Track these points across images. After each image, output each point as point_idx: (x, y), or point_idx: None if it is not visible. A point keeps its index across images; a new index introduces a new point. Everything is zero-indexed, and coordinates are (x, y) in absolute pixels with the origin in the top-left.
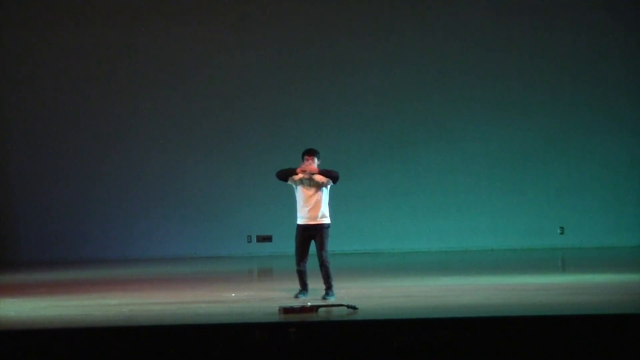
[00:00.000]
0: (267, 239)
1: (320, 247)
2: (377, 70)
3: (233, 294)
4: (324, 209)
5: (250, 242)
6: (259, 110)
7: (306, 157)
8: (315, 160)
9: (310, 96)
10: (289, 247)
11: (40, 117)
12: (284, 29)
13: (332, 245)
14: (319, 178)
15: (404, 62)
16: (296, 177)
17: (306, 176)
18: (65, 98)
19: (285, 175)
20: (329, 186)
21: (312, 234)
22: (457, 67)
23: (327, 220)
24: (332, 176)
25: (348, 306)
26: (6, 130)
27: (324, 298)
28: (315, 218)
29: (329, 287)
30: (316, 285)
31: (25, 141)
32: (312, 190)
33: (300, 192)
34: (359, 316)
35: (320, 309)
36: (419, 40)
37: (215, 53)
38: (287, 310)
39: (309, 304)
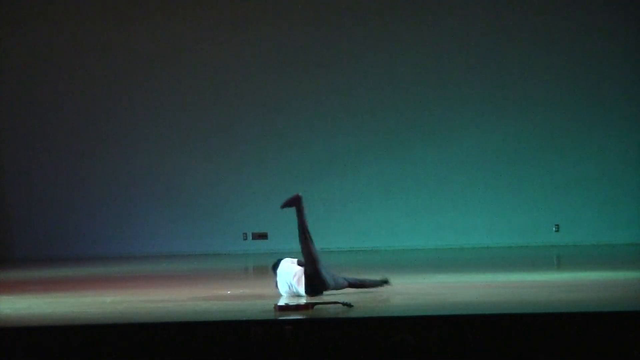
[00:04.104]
0: (263, 236)
1: None
2: (373, 67)
3: (228, 292)
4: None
5: (246, 239)
6: (255, 107)
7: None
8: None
9: (307, 94)
10: (285, 244)
11: (35, 113)
12: (280, 26)
13: (330, 242)
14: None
15: (400, 60)
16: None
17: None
18: (60, 94)
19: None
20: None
21: None
22: (454, 64)
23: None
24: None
25: (344, 304)
26: (0, 127)
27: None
28: None
29: None
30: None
31: (20, 138)
32: None
33: None
34: (354, 313)
35: (316, 307)
36: (416, 38)
37: (212, 50)
38: (282, 308)
39: (305, 301)
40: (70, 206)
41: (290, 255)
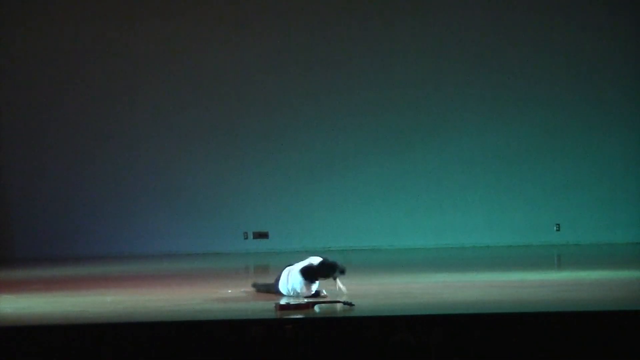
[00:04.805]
0: (264, 235)
1: None
2: (373, 66)
3: (229, 291)
4: None
5: (247, 238)
6: (255, 107)
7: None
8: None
9: (307, 92)
10: (285, 244)
11: (35, 113)
12: (280, 26)
13: (330, 242)
14: None
15: (400, 59)
16: None
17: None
18: (60, 94)
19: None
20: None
21: None
22: (454, 63)
23: None
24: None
25: (344, 303)
26: (0, 126)
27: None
28: None
29: None
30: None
31: (20, 137)
32: None
33: None
34: (355, 313)
35: (317, 306)
36: (415, 37)
37: (212, 50)
38: (283, 307)
39: (305, 300)
40: (70, 206)
41: (292, 255)
